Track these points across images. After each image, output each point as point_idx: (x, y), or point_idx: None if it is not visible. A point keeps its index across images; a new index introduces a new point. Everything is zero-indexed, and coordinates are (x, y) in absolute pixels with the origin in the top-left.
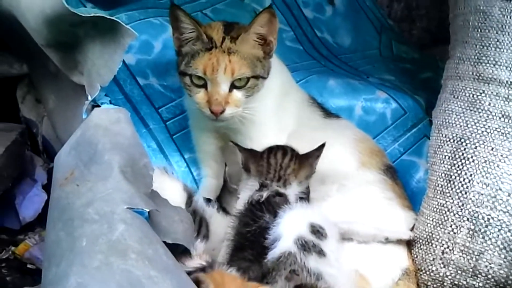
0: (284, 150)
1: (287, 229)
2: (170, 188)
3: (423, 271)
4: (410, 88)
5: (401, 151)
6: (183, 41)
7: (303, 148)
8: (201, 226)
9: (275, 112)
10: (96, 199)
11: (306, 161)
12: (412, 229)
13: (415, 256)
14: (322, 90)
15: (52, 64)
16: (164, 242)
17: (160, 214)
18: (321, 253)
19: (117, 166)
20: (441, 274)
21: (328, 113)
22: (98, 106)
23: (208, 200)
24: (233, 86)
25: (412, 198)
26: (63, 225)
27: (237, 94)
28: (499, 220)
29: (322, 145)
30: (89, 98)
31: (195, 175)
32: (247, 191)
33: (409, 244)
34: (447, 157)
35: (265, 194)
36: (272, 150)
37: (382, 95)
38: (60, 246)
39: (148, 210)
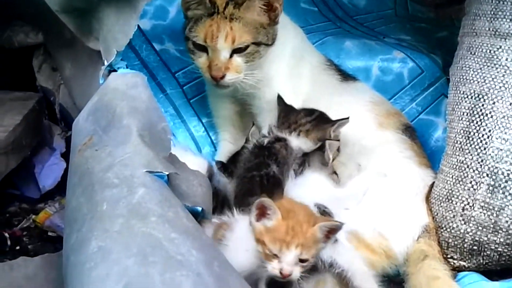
0: (311, 112)
1: None
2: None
3: (444, 228)
4: (426, 47)
5: (418, 110)
6: (188, 3)
7: None
8: (224, 206)
9: (290, 77)
10: (116, 164)
11: (323, 124)
12: (431, 187)
13: (435, 213)
14: (339, 51)
15: (67, 31)
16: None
17: (179, 177)
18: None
19: (135, 130)
20: (462, 231)
21: (344, 77)
22: (115, 71)
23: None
24: (234, 52)
25: (431, 157)
26: (83, 191)
27: (238, 60)
28: None
29: (344, 119)
30: (105, 63)
31: (213, 139)
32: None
33: (429, 201)
34: (465, 114)
35: (267, 139)
36: (303, 110)
37: (399, 55)
38: (81, 211)
39: (167, 173)
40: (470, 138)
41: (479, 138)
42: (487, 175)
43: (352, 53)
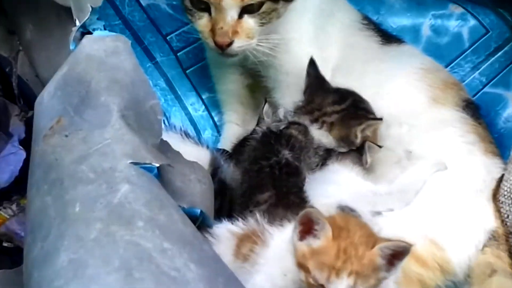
0: (343, 98)
1: None
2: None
3: None
4: None
5: (483, 81)
6: None
7: (352, 86)
8: (233, 207)
9: (315, 39)
10: (91, 153)
11: (348, 120)
12: (500, 181)
13: (506, 216)
14: (379, 5)
15: None
16: None
17: (173, 170)
18: None
19: (116, 109)
20: None
21: (386, 38)
22: (90, 33)
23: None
24: (244, 11)
25: (500, 142)
26: (50, 188)
27: (249, 21)
28: None
29: (378, 118)
30: (77, 23)
31: (216, 120)
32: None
33: (497, 200)
34: None
35: (281, 125)
36: (335, 91)
37: (457, 10)
38: (47, 214)
39: (157, 165)
40: None
41: None
42: None
43: (396, 7)
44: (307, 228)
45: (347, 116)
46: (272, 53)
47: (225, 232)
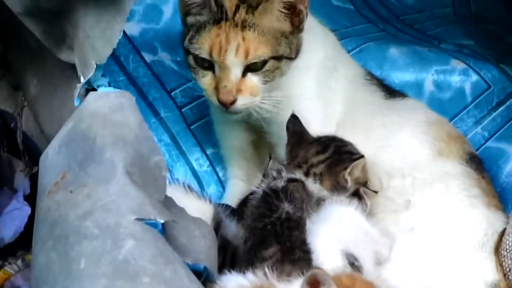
0: (325, 146)
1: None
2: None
3: None
4: (494, 55)
5: (485, 136)
6: (188, 6)
7: (358, 139)
8: (235, 262)
9: (319, 95)
10: (96, 209)
11: (334, 167)
12: (502, 235)
13: (508, 269)
14: (382, 61)
15: (33, 39)
16: None
17: (177, 226)
18: None
19: (121, 165)
20: None
21: (390, 92)
22: (95, 89)
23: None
24: (247, 69)
25: (502, 196)
26: (55, 244)
27: (253, 79)
28: None
29: (358, 158)
30: (82, 80)
31: (221, 175)
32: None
33: (499, 253)
34: None
35: (281, 182)
36: (316, 141)
37: (459, 65)
38: (52, 270)
39: (162, 221)
40: None
41: None
42: None
43: (399, 63)
44: None
45: (332, 163)
46: (275, 110)
47: (235, 285)
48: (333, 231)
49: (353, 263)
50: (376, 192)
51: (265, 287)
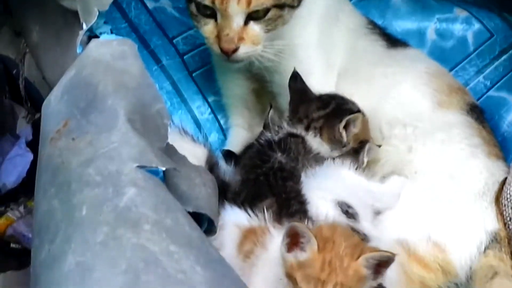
0: (326, 102)
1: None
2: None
3: None
4: (497, 3)
5: (487, 85)
6: None
7: (359, 89)
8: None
9: (321, 44)
10: (98, 156)
11: (332, 121)
12: (503, 184)
13: (508, 218)
14: (384, 9)
15: None
16: None
17: (178, 174)
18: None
19: (123, 113)
20: None
21: (392, 42)
22: (97, 36)
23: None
24: (249, 18)
25: (504, 146)
26: (57, 191)
27: (255, 28)
28: None
29: (354, 111)
30: (84, 27)
31: (222, 123)
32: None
33: (499, 202)
34: None
35: (280, 134)
36: (317, 99)
37: (462, 14)
38: (54, 217)
39: (164, 168)
40: None
41: None
42: None
43: (401, 11)
44: (295, 241)
45: (331, 118)
46: (277, 59)
47: (231, 225)
48: (326, 184)
49: (347, 210)
50: (379, 146)
51: (260, 230)
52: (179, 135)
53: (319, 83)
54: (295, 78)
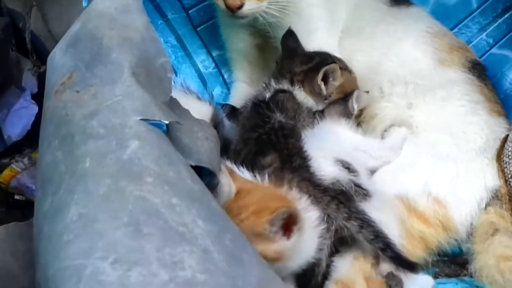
0: (309, 58)
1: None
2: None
3: None
4: None
5: (490, 43)
6: None
7: (361, 46)
8: (227, 157)
9: (324, 1)
10: (102, 109)
11: (310, 74)
12: (504, 141)
13: (509, 175)
14: None
15: None
16: None
17: (181, 128)
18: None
19: (127, 66)
20: None
21: (395, 0)
22: None
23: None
24: None
25: (506, 103)
26: (61, 143)
27: None
28: None
29: (331, 63)
30: None
31: (226, 77)
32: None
33: (500, 159)
34: None
35: (268, 93)
36: (305, 53)
37: None
38: (57, 169)
39: (167, 122)
40: None
41: None
42: None
43: None
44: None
45: (310, 71)
46: (281, 15)
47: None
48: (325, 145)
49: (348, 167)
50: (367, 92)
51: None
52: (184, 93)
53: (322, 40)
54: (289, 36)
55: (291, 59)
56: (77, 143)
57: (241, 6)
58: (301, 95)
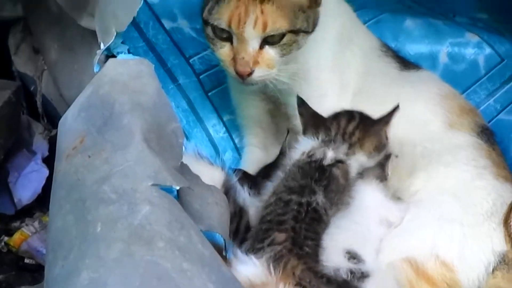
0: (350, 115)
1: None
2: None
3: None
4: (508, 28)
5: (497, 108)
6: None
7: (373, 110)
8: (247, 233)
9: (335, 66)
10: (113, 174)
11: (372, 128)
12: (511, 206)
13: None
14: (397, 32)
15: (54, 4)
16: None
17: (192, 193)
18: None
19: (139, 132)
20: None
21: (405, 64)
22: (114, 56)
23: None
24: (265, 42)
25: None
26: (72, 207)
27: (270, 52)
28: None
29: (394, 109)
30: (102, 46)
31: (237, 142)
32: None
33: (508, 224)
34: None
35: (330, 154)
36: (338, 115)
37: (473, 38)
38: (69, 233)
39: (178, 187)
40: None
41: None
42: None
43: (414, 35)
44: None
45: (366, 126)
46: (291, 82)
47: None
48: (345, 230)
49: (354, 257)
50: (396, 156)
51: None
52: (195, 158)
53: (333, 105)
54: (302, 103)
55: (332, 122)
56: (88, 207)
57: (251, 73)
58: (355, 163)
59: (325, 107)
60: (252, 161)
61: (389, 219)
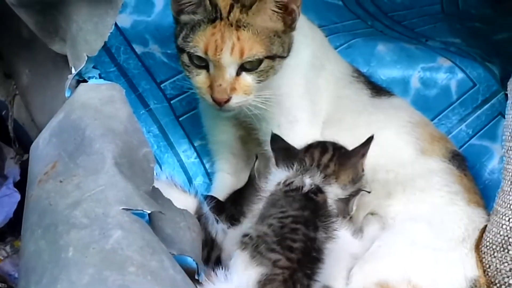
0: (323, 146)
1: None
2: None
3: (498, 284)
4: (480, 53)
5: (469, 133)
6: (181, 5)
7: (344, 139)
8: (219, 260)
9: (307, 93)
10: (85, 199)
11: (348, 160)
12: (483, 232)
13: (487, 266)
14: (369, 57)
15: (26, 29)
16: None
17: (163, 217)
18: None
19: (110, 157)
20: None
21: (376, 90)
22: (85, 81)
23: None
24: (242, 69)
25: (485, 193)
26: (44, 232)
27: (247, 78)
28: None
29: (369, 140)
30: (73, 71)
31: (208, 167)
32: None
33: (479, 250)
34: None
35: (308, 181)
36: (310, 147)
37: (445, 63)
38: (41, 258)
39: (149, 212)
40: None
41: None
42: None
43: (386, 60)
44: None
45: (341, 159)
46: (265, 107)
47: None
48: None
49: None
50: (369, 192)
51: None
52: (168, 184)
53: (305, 131)
54: (276, 138)
55: (300, 156)
56: (60, 232)
57: (228, 100)
58: (331, 190)
59: (296, 132)
60: (223, 187)
61: (355, 253)
